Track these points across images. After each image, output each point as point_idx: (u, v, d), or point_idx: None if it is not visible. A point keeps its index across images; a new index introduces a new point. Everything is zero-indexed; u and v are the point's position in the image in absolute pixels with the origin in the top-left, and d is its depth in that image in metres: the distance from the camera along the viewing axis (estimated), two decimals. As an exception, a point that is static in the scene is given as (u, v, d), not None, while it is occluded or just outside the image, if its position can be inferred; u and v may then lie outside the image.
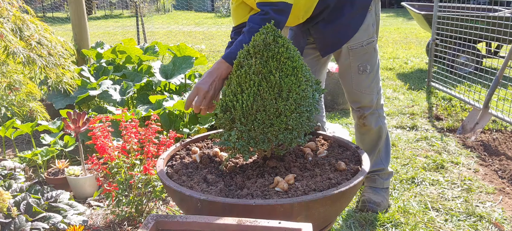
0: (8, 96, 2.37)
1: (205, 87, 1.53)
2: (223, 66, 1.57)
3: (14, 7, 1.97)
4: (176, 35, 11.56)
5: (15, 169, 2.39)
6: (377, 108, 2.05)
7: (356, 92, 2.00)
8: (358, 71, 1.94)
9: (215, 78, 1.56)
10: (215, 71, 1.56)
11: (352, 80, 1.98)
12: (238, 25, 1.91)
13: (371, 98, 2.00)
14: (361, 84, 1.97)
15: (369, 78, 1.97)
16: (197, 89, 1.54)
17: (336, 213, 1.53)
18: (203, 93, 1.54)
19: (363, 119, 2.04)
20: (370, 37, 1.92)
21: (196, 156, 1.71)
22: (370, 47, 1.93)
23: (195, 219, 1.18)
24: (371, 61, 1.95)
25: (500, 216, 2.10)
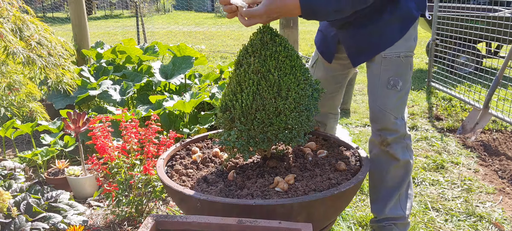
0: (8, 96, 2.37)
1: (265, 18, 1.38)
2: (294, 7, 1.36)
3: (14, 7, 1.97)
4: (176, 35, 11.56)
5: (15, 169, 2.39)
6: (404, 137, 1.69)
7: (379, 110, 1.65)
8: (387, 85, 1.63)
9: (277, 15, 1.39)
10: (282, 7, 1.37)
11: (378, 95, 1.65)
12: None
13: (396, 122, 1.65)
14: (387, 101, 1.63)
15: (398, 97, 1.63)
16: (258, 13, 1.36)
17: (336, 213, 1.53)
18: (260, 21, 1.40)
19: (386, 145, 1.67)
20: (409, 50, 1.63)
21: (196, 156, 1.71)
22: (407, 62, 1.63)
23: (195, 219, 1.18)
24: (404, 77, 1.64)
25: (500, 216, 2.10)
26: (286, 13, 1.38)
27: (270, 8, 1.35)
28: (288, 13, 1.38)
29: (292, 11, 1.37)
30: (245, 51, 1.51)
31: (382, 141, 1.68)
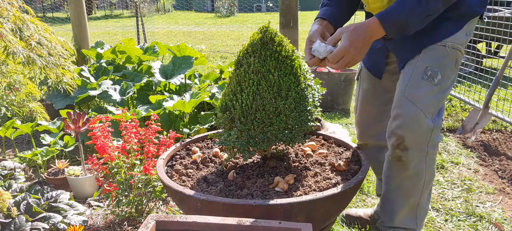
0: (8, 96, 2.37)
1: (354, 53, 1.29)
2: (376, 27, 1.29)
3: (14, 7, 1.97)
4: (176, 35, 11.56)
5: (15, 169, 2.39)
6: (429, 144, 1.42)
7: (405, 100, 1.40)
8: (423, 75, 1.40)
9: (364, 44, 1.30)
10: (366, 32, 1.29)
11: (408, 84, 1.41)
12: None
13: (423, 120, 1.38)
14: (417, 92, 1.39)
15: (432, 91, 1.39)
16: (345, 51, 1.28)
17: (336, 213, 1.53)
18: (351, 59, 1.30)
19: (403, 149, 1.41)
20: (458, 42, 1.41)
21: (196, 156, 1.71)
22: (453, 54, 1.41)
23: (195, 219, 1.18)
24: (445, 71, 1.40)
25: (500, 216, 2.10)
26: (371, 36, 1.30)
27: (353, 40, 1.28)
28: (373, 36, 1.30)
29: (376, 32, 1.29)
30: (245, 51, 1.51)
31: (399, 143, 1.41)
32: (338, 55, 1.29)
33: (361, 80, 1.75)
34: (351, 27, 1.30)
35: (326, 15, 1.53)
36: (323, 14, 1.53)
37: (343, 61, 1.30)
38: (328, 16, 1.52)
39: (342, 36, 1.30)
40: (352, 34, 1.28)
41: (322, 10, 1.57)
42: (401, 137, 1.40)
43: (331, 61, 1.31)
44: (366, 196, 2.31)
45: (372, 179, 2.49)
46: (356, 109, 1.80)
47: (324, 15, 1.53)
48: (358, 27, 1.29)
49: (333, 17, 1.53)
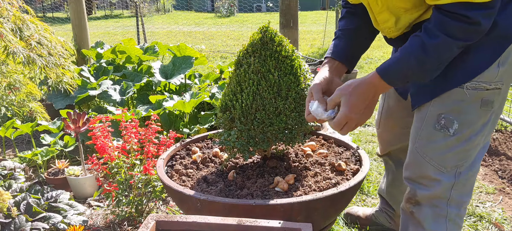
0: (8, 96, 2.37)
1: (357, 117, 1.14)
2: (378, 83, 1.12)
3: (14, 7, 1.97)
4: (176, 35, 11.57)
5: (15, 169, 2.39)
6: (448, 202, 1.21)
7: (415, 154, 1.22)
8: (435, 124, 1.17)
9: (369, 103, 1.15)
10: (368, 90, 1.13)
11: (419, 132, 1.21)
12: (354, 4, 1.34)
13: (437, 175, 1.18)
14: (428, 144, 1.19)
15: (448, 144, 1.16)
16: (346, 118, 1.14)
17: (336, 213, 1.53)
18: (355, 123, 1.16)
19: (415, 204, 1.24)
20: (485, 80, 1.12)
21: (196, 156, 1.71)
22: (474, 95, 1.12)
23: (195, 219, 1.18)
24: (466, 118, 1.14)
25: (500, 216, 2.10)
26: (375, 94, 1.14)
27: (353, 104, 1.13)
28: (377, 92, 1.14)
29: (380, 88, 1.13)
30: (245, 51, 1.51)
31: (410, 196, 1.24)
32: (340, 123, 1.15)
33: (387, 94, 1.55)
34: (351, 87, 1.13)
35: (335, 54, 1.33)
36: (332, 52, 1.34)
37: (347, 127, 1.16)
38: (338, 54, 1.33)
39: (341, 100, 1.14)
40: (352, 97, 1.12)
41: (332, 45, 1.37)
42: (412, 191, 1.24)
43: (334, 129, 1.18)
44: (366, 196, 2.31)
45: (372, 179, 2.49)
46: (378, 124, 1.62)
47: (333, 54, 1.34)
48: (358, 87, 1.13)
49: (345, 54, 1.34)
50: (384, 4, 1.14)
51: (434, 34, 1.02)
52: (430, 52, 1.03)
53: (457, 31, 1.00)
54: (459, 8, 0.98)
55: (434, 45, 1.02)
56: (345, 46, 1.35)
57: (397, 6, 1.12)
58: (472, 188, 1.24)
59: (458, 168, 1.18)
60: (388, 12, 1.15)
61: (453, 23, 1.00)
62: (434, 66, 1.06)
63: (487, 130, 1.19)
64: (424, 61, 1.05)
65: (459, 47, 1.04)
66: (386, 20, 1.18)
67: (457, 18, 0.99)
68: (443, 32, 1.01)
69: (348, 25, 1.37)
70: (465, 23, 0.99)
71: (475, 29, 1.00)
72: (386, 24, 1.20)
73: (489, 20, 1.00)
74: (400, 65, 1.08)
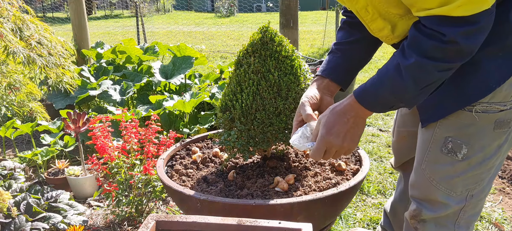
0: (8, 96, 2.37)
1: (337, 142, 1.04)
2: (356, 106, 1.02)
3: (14, 7, 1.97)
4: (176, 35, 11.57)
5: (15, 169, 2.39)
6: (456, 223, 1.14)
7: (422, 177, 1.12)
8: (442, 147, 1.07)
9: (350, 127, 1.04)
10: (346, 112, 1.03)
11: (426, 153, 1.11)
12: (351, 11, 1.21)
13: (446, 198, 1.10)
14: (434, 167, 1.09)
15: (457, 169, 1.06)
16: (324, 142, 1.05)
17: (336, 213, 1.53)
18: (336, 150, 1.06)
19: (419, 221, 1.16)
20: (497, 101, 1.00)
21: (196, 156, 1.71)
22: (484, 120, 1.01)
23: (195, 219, 1.18)
24: (476, 142, 1.03)
25: (500, 216, 2.10)
26: (356, 117, 1.03)
27: (330, 127, 1.04)
28: (358, 116, 1.03)
29: (360, 111, 1.02)
30: (245, 51, 1.51)
31: (416, 214, 1.15)
32: (318, 149, 1.05)
33: None
34: (329, 109, 1.05)
35: (326, 72, 1.24)
36: (322, 70, 1.25)
37: (328, 154, 1.06)
38: (329, 72, 1.24)
39: (320, 123, 1.06)
40: (330, 118, 1.03)
41: (325, 61, 1.27)
42: (418, 209, 1.15)
43: (314, 159, 1.08)
44: (366, 196, 2.31)
45: (372, 179, 2.49)
46: (393, 132, 1.51)
47: (323, 72, 1.24)
48: (335, 108, 1.04)
49: (337, 71, 1.24)
50: (375, 11, 1.03)
51: (408, 54, 0.91)
52: (405, 76, 0.91)
53: (432, 51, 0.87)
54: (434, 23, 0.86)
55: (408, 67, 0.90)
56: (339, 63, 1.24)
57: (389, 12, 1.01)
58: (483, 205, 1.15)
59: (469, 191, 1.09)
60: (382, 19, 1.04)
61: (426, 41, 0.87)
62: (414, 92, 0.93)
63: (503, 150, 1.07)
64: (400, 86, 0.93)
65: (441, 70, 0.90)
66: (381, 28, 1.07)
67: (431, 35, 0.87)
68: (416, 52, 0.89)
69: (345, 38, 1.26)
70: (439, 42, 0.86)
71: (454, 49, 0.86)
72: (382, 33, 1.09)
73: (470, 39, 0.85)
74: (375, 89, 0.97)
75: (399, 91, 0.94)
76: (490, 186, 1.13)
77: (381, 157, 2.85)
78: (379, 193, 2.34)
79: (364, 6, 1.04)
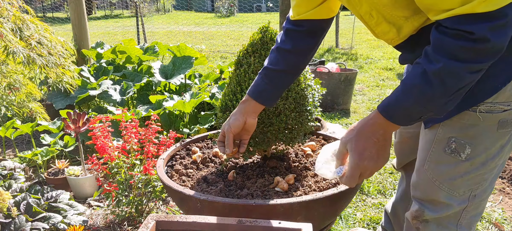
0: (8, 96, 2.37)
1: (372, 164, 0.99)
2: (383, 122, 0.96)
3: (14, 7, 1.97)
4: (176, 35, 11.57)
5: (15, 169, 2.39)
6: (459, 223, 1.13)
7: (424, 177, 1.12)
8: (445, 147, 1.06)
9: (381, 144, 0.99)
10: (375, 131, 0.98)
11: (429, 153, 1.10)
12: (300, 20, 1.23)
13: (449, 199, 1.09)
14: (437, 167, 1.08)
15: (460, 169, 1.06)
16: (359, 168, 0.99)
17: (336, 213, 1.53)
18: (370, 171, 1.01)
19: (422, 221, 1.16)
20: (502, 101, 0.99)
21: (196, 156, 1.71)
22: (488, 120, 1.01)
23: (195, 219, 1.18)
24: (480, 142, 1.03)
25: (500, 216, 2.10)
26: (384, 134, 0.98)
27: (361, 150, 0.98)
28: (386, 132, 0.98)
29: (388, 127, 0.97)
30: (245, 51, 1.51)
31: (418, 214, 1.15)
32: (353, 177, 1.00)
33: None
34: (354, 132, 0.99)
35: (255, 94, 1.27)
36: (253, 92, 1.28)
37: (363, 177, 1.01)
38: (258, 95, 1.27)
39: (348, 149, 1.01)
40: (358, 144, 0.98)
41: (255, 83, 1.29)
42: (421, 209, 1.14)
43: (349, 185, 1.02)
44: (366, 196, 2.31)
45: (372, 179, 2.49)
46: (395, 135, 1.48)
47: (253, 94, 1.27)
48: (362, 130, 0.98)
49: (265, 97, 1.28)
50: (379, 15, 1.01)
51: (434, 59, 0.85)
52: (433, 82, 0.86)
53: (462, 52, 0.83)
54: (460, 23, 0.81)
55: (436, 72, 0.85)
56: (267, 89, 1.27)
57: (394, 15, 0.99)
58: (485, 206, 1.14)
59: (472, 191, 1.08)
60: (387, 23, 1.02)
61: (454, 43, 0.82)
62: (444, 99, 0.88)
63: (506, 151, 1.06)
64: (428, 94, 0.88)
65: (473, 71, 0.85)
66: (386, 31, 1.05)
67: (459, 35, 0.82)
68: (443, 55, 0.84)
69: (275, 64, 1.26)
70: (469, 41, 0.81)
71: (484, 47, 0.81)
72: (388, 36, 1.07)
73: (500, 34, 0.81)
74: (402, 102, 0.92)
75: (428, 100, 0.89)
76: (493, 186, 1.12)
77: (381, 157, 2.85)
78: (379, 193, 2.34)
79: (368, 11, 1.03)
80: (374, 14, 1.03)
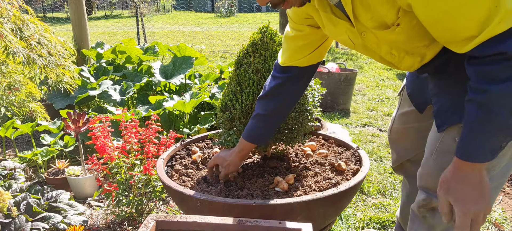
0: (8, 96, 2.37)
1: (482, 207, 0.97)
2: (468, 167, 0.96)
3: (14, 7, 1.97)
4: (176, 35, 11.57)
5: (15, 169, 2.39)
6: None
7: (432, 166, 1.13)
8: (454, 138, 1.08)
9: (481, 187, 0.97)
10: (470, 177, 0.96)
11: (437, 146, 1.12)
12: (289, 66, 1.27)
13: None
14: (447, 157, 1.06)
15: None
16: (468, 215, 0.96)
17: (336, 213, 1.53)
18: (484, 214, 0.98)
19: (429, 210, 1.18)
20: None
21: (196, 156, 1.71)
22: None
23: (195, 219, 1.18)
24: None
25: (500, 216, 2.10)
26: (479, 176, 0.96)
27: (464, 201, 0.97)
28: (479, 174, 0.96)
29: (476, 170, 0.95)
30: (245, 51, 1.51)
31: (426, 203, 1.16)
32: (463, 223, 0.97)
33: (402, 100, 1.42)
34: (451, 184, 0.98)
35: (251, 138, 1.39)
36: (249, 136, 1.39)
37: (477, 223, 0.97)
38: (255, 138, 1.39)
39: (452, 203, 0.99)
40: (459, 194, 0.97)
41: (250, 127, 1.39)
42: (428, 197, 1.15)
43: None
44: (366, 196, 2.31)
45: (372, 179, 2.49)
46: (390, 131, 1.50)
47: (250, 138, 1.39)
48: (454, 180, 0.97)
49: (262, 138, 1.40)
50: (400, 51, 1.05)
51: (481, 90, 0.87)
52: (494, 109, 0.88)
53: (502, 73, 0.84)
54: (486, 49, 0.84)
55: (490, 100, 0.87)
56: (262, 133, 1.38)
57: (415, 46, 1.02)
58: (496, 195, 1.13)
59: None
60: (409, 56, 1.06)
61: (492, 68, 0.85)
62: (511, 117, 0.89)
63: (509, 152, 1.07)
64: (496, 122, 0.89)
65: None
66: (411, 64, 1.09)
67: (492, 60, 0.84)
68: (488, 82, 0.86)
69: (268, 109, 1.34)
70: (504, 61, 0.83)
71: None
72: (413, 67, 1.11)
73: None
74: (475, 142, 0.92)
75: (499, 127, 0.90)
76: (501, 186, 1.12)
77: (381, 157, 2.85)
78: (379, 193, 2.34)
79: (388, 51, 1.07)
80: (395, 52, 1.06)
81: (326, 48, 1.26)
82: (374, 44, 1.06)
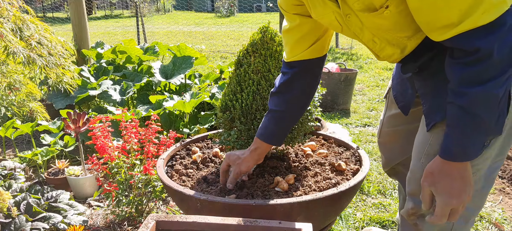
0: (8, 96, 2.37)
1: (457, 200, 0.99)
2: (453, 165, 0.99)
3: (14, 7, 1.97)
4: (176, 35, 11.57)
5: (15, 169, 2.39)
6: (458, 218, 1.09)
7: (420, 170, 1.10)
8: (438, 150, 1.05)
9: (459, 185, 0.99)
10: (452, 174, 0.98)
11: (426, 147, 1.10)
12: (294, 61, 1.27)
13: None
14: None
15: None
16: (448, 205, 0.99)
17: (336, 213, 1.53)
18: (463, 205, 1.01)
19: (419, 217, 1.16)
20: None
21: (196, 156, 1.71)
22: None
23: (195, 219, 1.18)
24: None
25: (500, 216, 2.10)
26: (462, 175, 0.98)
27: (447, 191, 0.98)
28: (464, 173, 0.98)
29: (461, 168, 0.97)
30: (245, 51, 1.51)
31: (415, 211, 1.15)
32: (443, 213, 1.00)
33: (389, 102, 1.42)
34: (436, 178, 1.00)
35: (264, 137, 1.34)
36: (262, 134, 1.34)
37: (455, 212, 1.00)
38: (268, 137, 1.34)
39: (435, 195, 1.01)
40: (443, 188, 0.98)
41: (263, 125, 1.34)
42: (415, 208, 1.14)
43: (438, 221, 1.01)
44: (366, 196, 2.31)
45: (372, 179, 2.49)
46: (379, 134, 1.50)
47: (262, 136, 1.34)
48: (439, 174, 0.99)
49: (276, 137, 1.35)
50: (382, 40, 1.05)
51: (461, 92, 0.89)
52: (475, 112, 0.89)
53: (481, 76, 0.85)
54: (463, 41, 0.83)
55: (470, 103, 0.88)
56: (274, 130, 1.33)
57: (397, 37, 1.02)
58: (484, 201, 1.15)
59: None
60: (390, 46, 1.06)
61: (469, 71, 0.85)
62: (492, 117, 0.91)
63: (504, 148, 1.08)
64: (477, 123, 0.91)
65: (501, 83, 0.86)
66: (390, 54, 1.09)
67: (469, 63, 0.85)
68: (467, 86, 0.87)
69: (279, 106, 1.32)
70: (480, 63, 0.83)
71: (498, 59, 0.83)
72: (392, 58, 1.11)
73: (507, 42, 0.82)
74: (459, 140, 0.94)
75: (480, 128, 0.92)
76: (490, 183, 1.12)
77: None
78: (379, 193, 2.34)
79: (370, 38, 1.07)
80: (377, 40, 1.06)
81: (327, 41, 1.26)
82: (357, 29, 1.06)
